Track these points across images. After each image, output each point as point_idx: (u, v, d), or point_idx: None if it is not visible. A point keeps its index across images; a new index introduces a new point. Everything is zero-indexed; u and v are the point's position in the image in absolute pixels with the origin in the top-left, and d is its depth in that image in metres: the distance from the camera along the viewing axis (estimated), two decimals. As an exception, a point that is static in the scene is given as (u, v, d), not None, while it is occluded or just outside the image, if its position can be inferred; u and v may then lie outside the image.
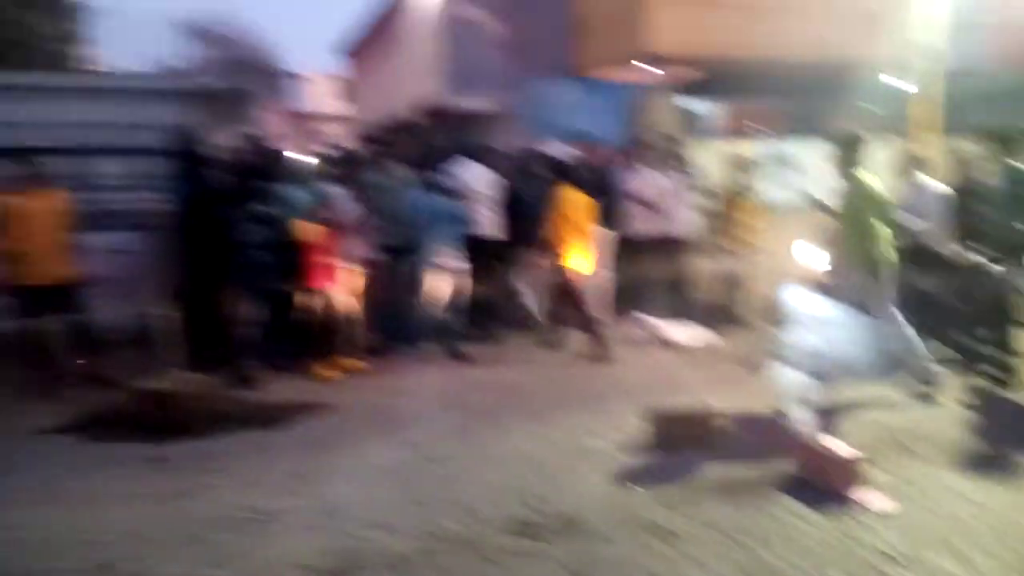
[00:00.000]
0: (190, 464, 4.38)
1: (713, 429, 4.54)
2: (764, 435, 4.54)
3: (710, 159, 8.87)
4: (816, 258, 6.09)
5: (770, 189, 9.37)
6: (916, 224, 6.06)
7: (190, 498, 3.90)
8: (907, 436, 4.58)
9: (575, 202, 6.84)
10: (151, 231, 7.20)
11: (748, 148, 9.20)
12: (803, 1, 12.31)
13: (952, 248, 6.10)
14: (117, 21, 6.64)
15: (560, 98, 13.95)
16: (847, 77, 10.37)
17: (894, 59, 10.55)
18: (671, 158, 8.25)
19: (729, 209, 8.05)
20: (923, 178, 6.39)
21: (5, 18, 15.63)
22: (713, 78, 9.63)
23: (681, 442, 4.43)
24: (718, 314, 7.94)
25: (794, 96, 9.86)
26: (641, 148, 8.56)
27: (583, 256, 6.84)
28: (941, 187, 6.31)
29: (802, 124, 10.26)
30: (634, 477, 4.08)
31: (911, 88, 10.46)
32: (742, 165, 8.21)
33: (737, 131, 11.16)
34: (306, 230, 6.36)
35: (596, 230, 7.01)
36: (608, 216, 7.37)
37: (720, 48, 9.61)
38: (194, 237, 6.13)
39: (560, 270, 6.87)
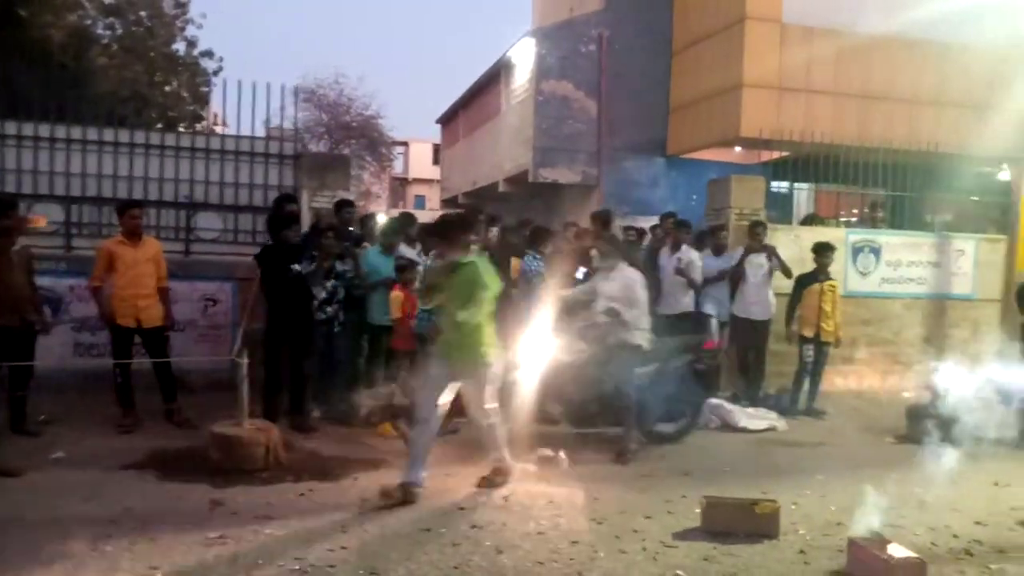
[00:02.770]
0: (246, 509, 4.52)
1: (761, 517, 4.39)
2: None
3: (794, 243, 8.74)
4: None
5: (854, 277, 9.15)
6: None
7: (239, 542, 4.02)
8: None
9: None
10: (241, 282, 7.66)
11: (834, 234, 9.01)
12: (895, 90, 12.20)
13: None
14: (236, 84, 7.22)
15: (646, 175, 14.14)
16: (943, 167, 10.10)
17: (994, 150, 10.23)
18: (753, 241, 8.15)
19: (809, 295, 7.83)
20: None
21: (153, 81, 17.22)
22: (802, 162, 9.54)
23: (730, 528, 4.36)
24: (789, 399, 8.02)
25: (887, 184, 9.63)
26: (685, 228, 8.51)
27: None
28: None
29: (895, 213, 10.01)
30: (679, 564, 3.97)
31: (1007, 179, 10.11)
32: (826, 251, 8.00)
33: (825, 217, 10.98)
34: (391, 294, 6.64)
35: None
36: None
37: (809, 133, 9.54)
38: (274, 291, 6.44)
39: None
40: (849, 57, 12.08)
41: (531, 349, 5.75)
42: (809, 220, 9.97)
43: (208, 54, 19.25)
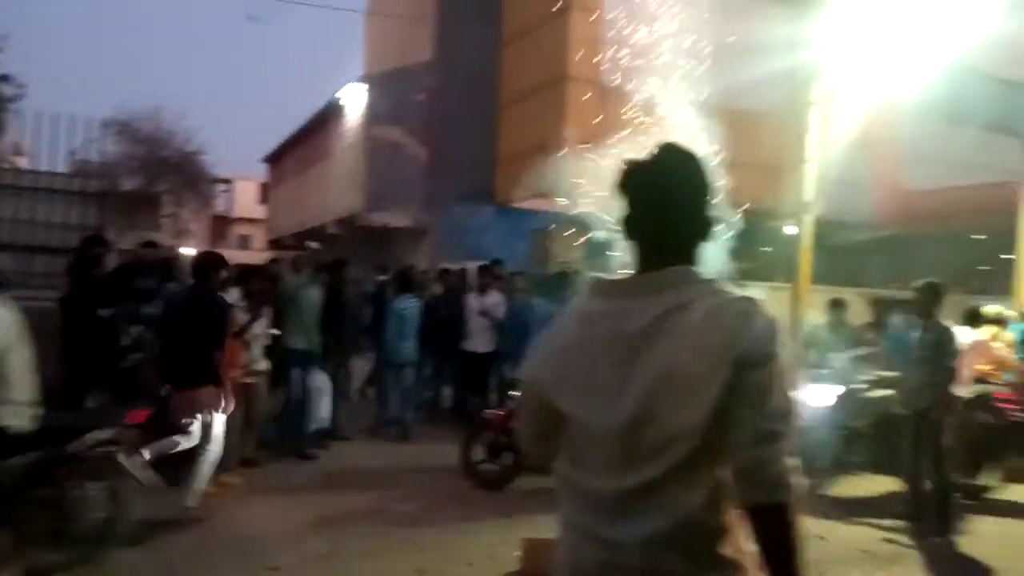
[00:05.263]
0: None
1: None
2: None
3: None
4: None
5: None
6: None
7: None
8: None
9: None
10: (42, 331, 7.01)
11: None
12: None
13: None
14: (39, 118, 6.64)
15: (476, 222, 14.53)
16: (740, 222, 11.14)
17: (781, 207, 11.45)
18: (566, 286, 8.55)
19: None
20: None
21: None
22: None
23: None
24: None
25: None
26: (495, 274, 9.04)
27: None
28: None
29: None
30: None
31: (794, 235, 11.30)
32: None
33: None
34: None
35: None
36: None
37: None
38: (79, 339, 5.99)
39: None
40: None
41: None
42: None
43: (4, 79, 17.68)
